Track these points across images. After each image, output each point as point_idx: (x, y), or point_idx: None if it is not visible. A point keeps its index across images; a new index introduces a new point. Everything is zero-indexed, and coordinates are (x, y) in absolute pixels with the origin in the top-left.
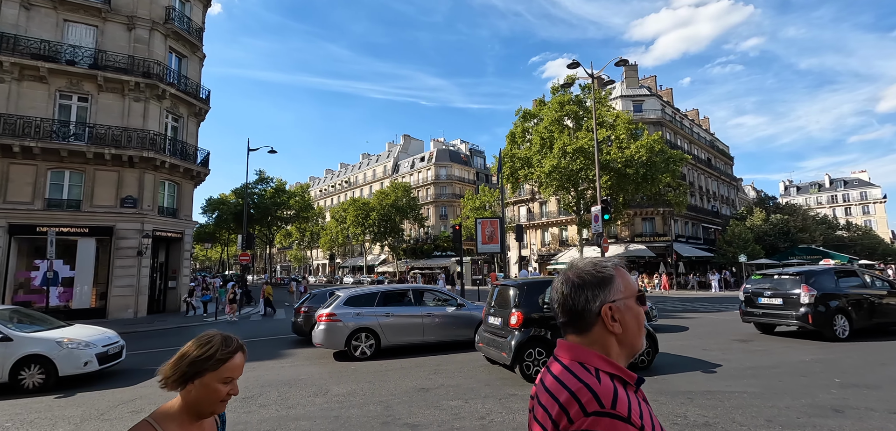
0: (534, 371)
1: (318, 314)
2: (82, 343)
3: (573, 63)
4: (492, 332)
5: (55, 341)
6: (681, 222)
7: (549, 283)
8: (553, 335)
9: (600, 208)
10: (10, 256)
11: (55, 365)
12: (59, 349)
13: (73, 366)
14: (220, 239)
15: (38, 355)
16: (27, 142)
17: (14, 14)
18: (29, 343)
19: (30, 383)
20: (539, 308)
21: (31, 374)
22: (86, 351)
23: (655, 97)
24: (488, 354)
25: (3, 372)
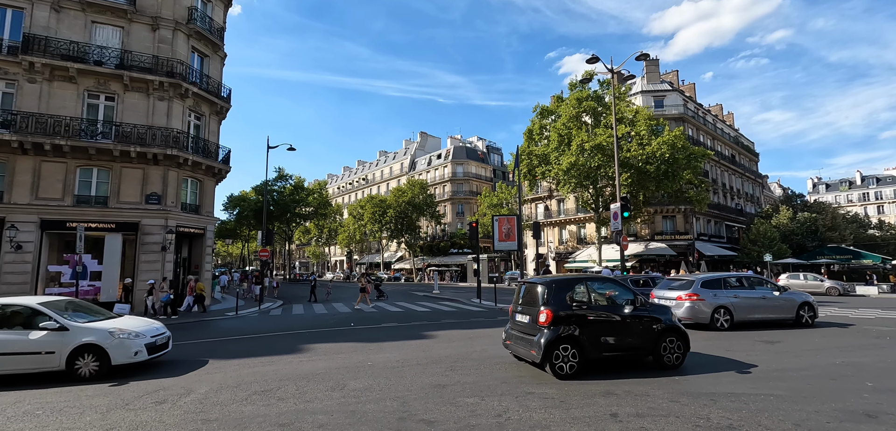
0: (564, 369)
1: (678, 295)
2: (132, 334)
3: (592, 58)
4: (520, 330)
5: (108, 331)
6: (703, 220)
7: (577, 281)
8: (582, 332)
9: (619, 205)
10: (41, 250)
11: (108, 354)
12: (111, 339)
13: (125, 356)
14: (240, 235)
15: (92, 344)
16: (57, 140)
17: (45, 16)
18: (83, 333)
19: (85, 371)
20: (568, 306)
21: (86, 363)
22: (136, 341)
23: (677, 92)
24: (517, 352)
25: (60, 361)
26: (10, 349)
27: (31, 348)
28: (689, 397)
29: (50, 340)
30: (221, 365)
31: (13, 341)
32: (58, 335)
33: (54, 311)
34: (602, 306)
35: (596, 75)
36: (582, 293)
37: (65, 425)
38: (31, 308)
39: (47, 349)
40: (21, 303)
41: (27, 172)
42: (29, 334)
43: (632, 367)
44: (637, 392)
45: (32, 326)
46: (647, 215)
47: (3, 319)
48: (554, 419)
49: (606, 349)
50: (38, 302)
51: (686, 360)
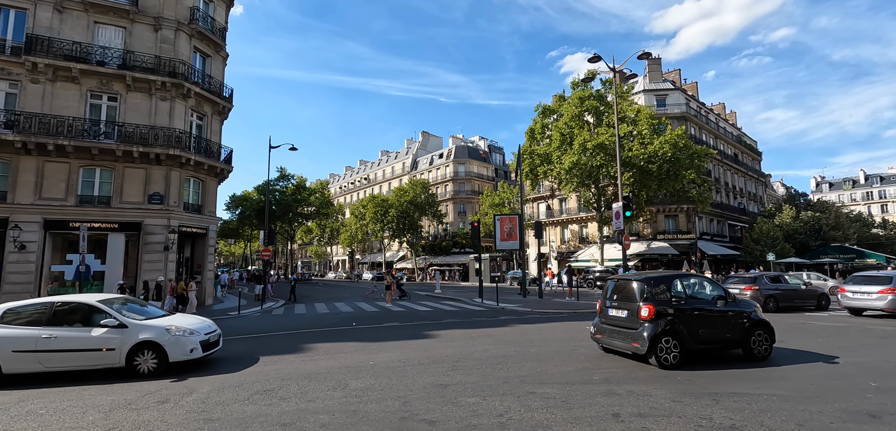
0: (668, 360)
1: (881, 289)
2: (188, 331)
3: (594, 57)
4: (614, 324)
5: (164, 328)
6: (705, 219)
7: (673, 277)
8: (682, 325)
9: (621, 204)
10: (45, 250)
11: (166, 351)
12: (168, 336)
13: (182, 353)
14: (243, 235)
15: (150, 341)
16: (60, 140)
17: (48, 17)
18: (141, 330)
19: (145, 368)
20: (668, 301)
21: (145, 359)
22: (191, 339)
23: (679, 91)
24: (611, 344)
25: (120, 358)
26: (74, 345)
27: (94, 345)
28: (691, 397)
29: (110, 337)
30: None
31: (77, 338)
32: (117, 333)
33: (113, 308)
34: (697, 301)
35: (598, 74)
36: (678, 289)
37: (67, 424)
38: (91, 306)
39: (108, 346)
40: (81, 301)
41: (30, 172)
42: (91, 331)
43: (718, 360)
44: (639, 391)
45: (90, 323)
46: (650, 215)
47: (63, 316)
48: (556, 419)
49: (703, 342)
50: (97, 300)
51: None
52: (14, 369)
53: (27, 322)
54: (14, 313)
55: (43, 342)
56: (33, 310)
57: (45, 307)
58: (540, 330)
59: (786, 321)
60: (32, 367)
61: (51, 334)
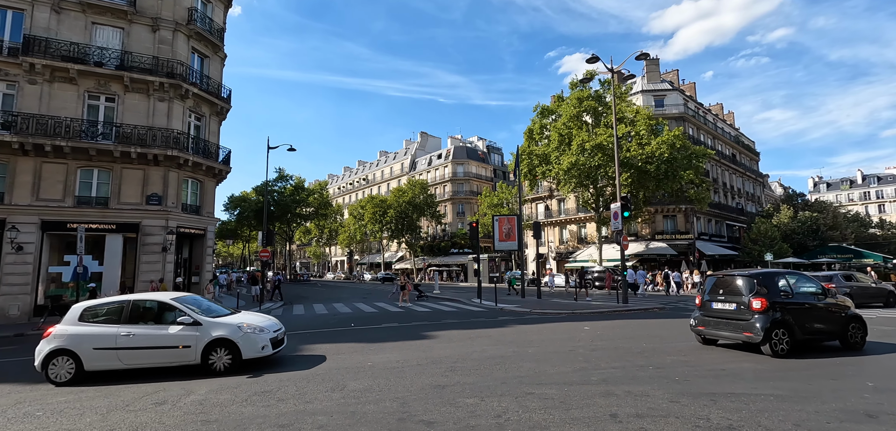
0: (779, 349)
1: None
2: (258, 329)
3: (592, 58)
4: (720, 316)
5: (236, 325)
6: (704, 219)
7: (779, 274)
8: (790, 317)
9: (620, 205)
10: (42, 251)
11: (239, 349)
12: (241, 334)
13: (254, 350)
14: (241, 236)
15: (224, 339)
16: (58, 141)
17: (45, 18)
18: (215, 328)
19: (219, 365)
20: (777, 295)
21: (220, 357)
22: (262, 336)
23: (677, 92)
24: (716, 334)
25: (196, 355)
26: (152, 343)
27: (171, 342)
28: (689, 397)
29: (186, 335)
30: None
31: (155, 335)
32: (193, 330)
33: (187, 306)
34: (802, 295)
35: (596, 75)
36: (784, 285)
37: (65, 426)
38: (166, 304)
39: (184, 344)
40: (156, 299)
41: (28, 173)
42: (168, 329)
43: (818, 350)
44: (637, 392)
45: (165, 321)
46: (648, 215)
47: (139, 314)
48: (553, 419)
49: (808, 333)
50: (171, 298)
51: None
52: (95, 366)
53: (105, 320)
54: (91, 311)
55: (122, 340)
56: (110, 308)
57: (122, 305)
58: (538, 331)
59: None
60: (113, 364)
61: (129, 331)
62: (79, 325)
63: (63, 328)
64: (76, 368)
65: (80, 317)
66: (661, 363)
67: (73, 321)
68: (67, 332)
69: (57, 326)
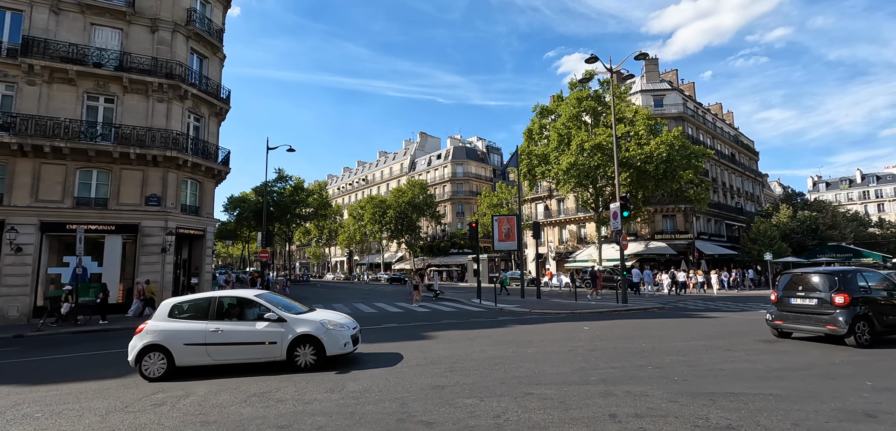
0: (862, 340)
1: None
2: (340, 325)
3: (591, 58)
4: (801, 311)
5: (320, 322)
6: (703, 219)
7: (856, 271)
8: (871, 311)
9: (619, 205)
10: (41, 252)
11: (323, 345)
12: (325, 331)
13: (337, 347)
14: (241, 236)
15: (308, 335)
16: (57, 142)
17: (44, 19)
18: (299, 324)
19: (304, 361)
20: (857, 290)
21: (305, 353)
22: (343, 332)
23: (676, 92)
24: (794, 329)
25: (282, 351)
26: (240, 339)
27: (257, 338)
28: (688, 397)
29: (272, 331)
30: None
31: (242, 331)
32: (278, 327)
33: (270, 303)
34: (879, 291)
35: (596, 75)
36: (862, 281)
37: (64, 427)
38: (248, 300)
39: (270, 340)
40: (239, 295)
41: (27, 174)
42: (254, 325)
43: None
44: (636, 392)
45: (245, 317)
46: (647, 215)
47: (224, 311)
48: (553, 419)
49: (886, 326)
50: (254, 294)
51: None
52: (185, 361)
53: (193, 316)
54: (179, 308)
55: (211, 336)
56: (197, 304)
57: (208, 301)
58: (538, 331)
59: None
60: (202, 360)
61: (217, 327)
62: (168, 321)
63: (154, 323)
64: (168, 364)
65: (169, 313)
66: (660, 363)
67: (163, 316)
68: (158, 328)
69: (148, 322)
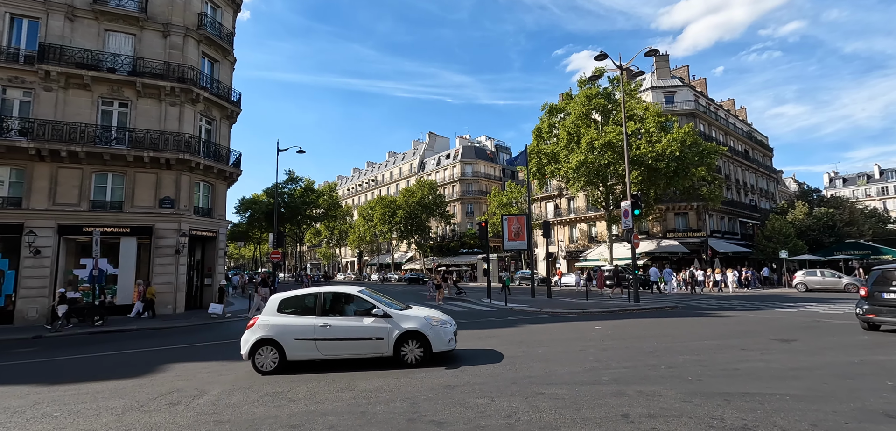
0: None
1: None
2: (444, 322)
3: (600, 55)
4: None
5: (425, 318)
6: (716, 216)
7: None
8: None
9: (630, 203)
10: (59, 254)
11: (430, 342)
12: (430, 327)
13: (442, 343)
14: (252, 238)
15: (414, 331)
16: (73, 147)
17: (60, 25)
18: (404, 320)
19: (411, 357)
20: None
21: (411, 349)
22: (447, 329)
23: (688, 88)
24: (887, 323)
25: (389, 347)
26: (348, 334)
27: (365, 334)
28: (702, 397)
29: (379, 327)
30: (232, 368)
31: (351, 327)
32: (384, 322)
33: (373, 299)
34: None
35: (605, 72)
36: None
37: (81, 426)
38: (352, 295)
39: (377, 336)
40: (343, 290)
41: (44, 178)
42: (362, 320)
43: None
44: (648, 391)
45: (346, 313)
46: (659, 213)
47: (330, 306)
48: (564, 419)
49: None
50: (357, 290)
51: None
52: (296, 356)
53: (302, 311)
54: (286, 303)
55: (320, 331)
56: (305, 300)
57: (315, 296)
58: (548, 330)
59: None
60: (311, 354)
61: (325, 323)
62: (278, 315)
63: (265, 318)
64: (280, 358)
65: (278, 308)
66: (672, 363)
67: (272, 311)
68: (270, 323)
69: (259, 316)
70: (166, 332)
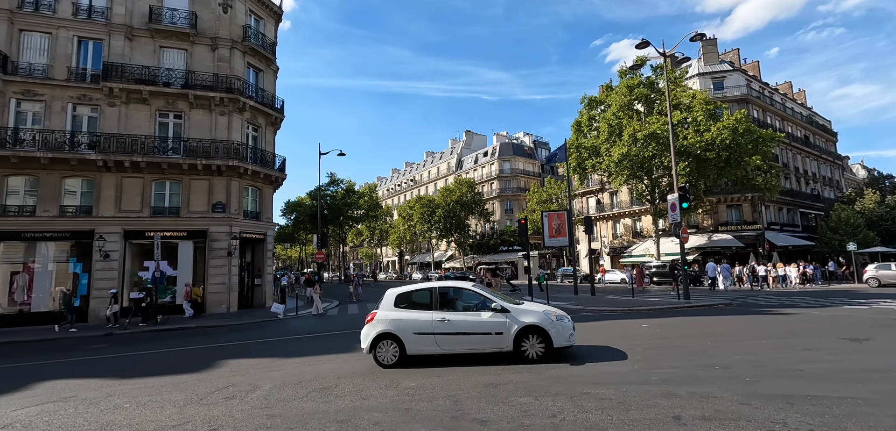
0: None
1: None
2: (563, 317)
3: (642, 43)
4: None
5: (543, 312)
6: (773, 208)
7: None
8: None
9: (677, 196)
10: (125, 257)
11: (551, 337)
12: (551, 322)
13: (563, 339)
14: (298, 239)
15: (534, 326)
16: (135, 157)
17: (120, 45)
18: (523, 314)
19: (532, 353)
20: None
21: (533, 344)
22: (567, 324)
23: (738, 72)
24: None
25: (508, 342)
26: (467, 329)
27: (484, 328)
28: (761, 399)
29: (498, 321)
30: (281, 364)
31: (469, 321)
32: (503, 317)
33: (487, 293)
34: None
35: (648, 61)
36: None
37: (148, 417)
38: (467, 290)
39: (497, 331)
40: (454, 285)
41: (111, 187)
42: (480, 315)
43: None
44: (701, 393)
45: (456, 307)
46: (710, 205)
47: (445, 300)
48: (611, 421)
49: None
50: (470, 284)
51: None
52: (416, 351)
53: (418, 306)
54: (402, 298)
55: (438, 325)
56: (419, 294)
57: (430, 291)
58: (593, 329)
59: None
60: (431, 349)
61: (444, 317)
62: (395, 310)
63: (383, 313)
64: (400, 352)
65: (395, 302)
66: (727, 363)
67: (389, 306)
68: (389, 317)
69: (378, 311)
70: (220, 330)
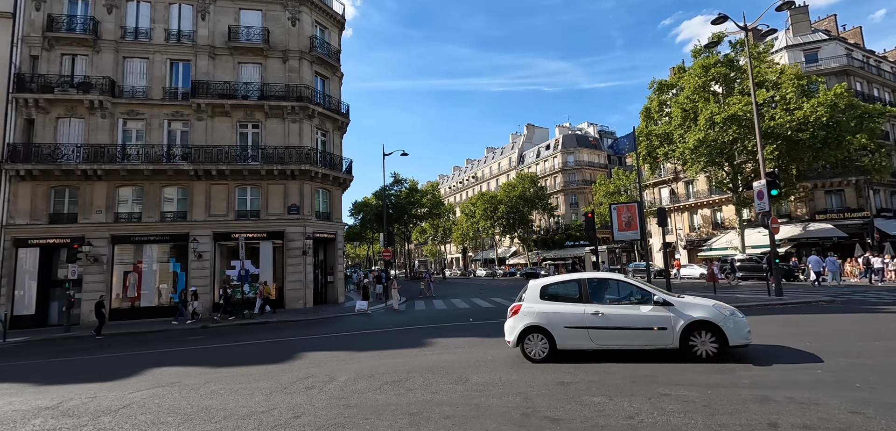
0: None
1: None
2: (734, 311)
3: (719, 17)
4: None
5: (713, 306)
6: (884, 192)
7: None
8: None
9: (765, 182)
10: (215, 257)
11: (725, 334)
12: (725, 317)
13: (740, 336)
14: (365, 238)
15: (705, 321)
16: (220, 166)
17: (205, 64)
18: (690, 309)
19: (702, 351)
20: None
21: (703, 341)
22: (743, 319)
23: (836, 41)
24: None
25: (673, 339)
26: (623, 323)
27: (645, 323)
28: (877, 407)
29: (660, 315)
30: (356, 357)
31: (625, 315)
32: (665, 311)
33: (643, 285)
34: None
35: (726, 37)
36: None
37: (240, 402)
38: (619, 282)
39: (659, 326)
40: (600, 276)
41: (201, 194)
42: (639, 308)
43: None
44: (802, 399)
45: (620, 300)
46: (805, 191)
47: (597, 292)
48: (696, 425)
49: None
50: (621, 276)
51: None
52: (567, 345)
53: (564, 298)
54: (547, 290)
55: (590, 319)
56: (565, 286)
57: (577, 282)
58: None
59: None
60: (584, 344)
61: (597, 310)
62: (542, 302)
63: (529, 305)
64: (550, 346)
65: (541, 294)
66: (831, 366)
67: (534, 298)
68: (535, 310)
69: (523, 304)
70: (298, 325)
